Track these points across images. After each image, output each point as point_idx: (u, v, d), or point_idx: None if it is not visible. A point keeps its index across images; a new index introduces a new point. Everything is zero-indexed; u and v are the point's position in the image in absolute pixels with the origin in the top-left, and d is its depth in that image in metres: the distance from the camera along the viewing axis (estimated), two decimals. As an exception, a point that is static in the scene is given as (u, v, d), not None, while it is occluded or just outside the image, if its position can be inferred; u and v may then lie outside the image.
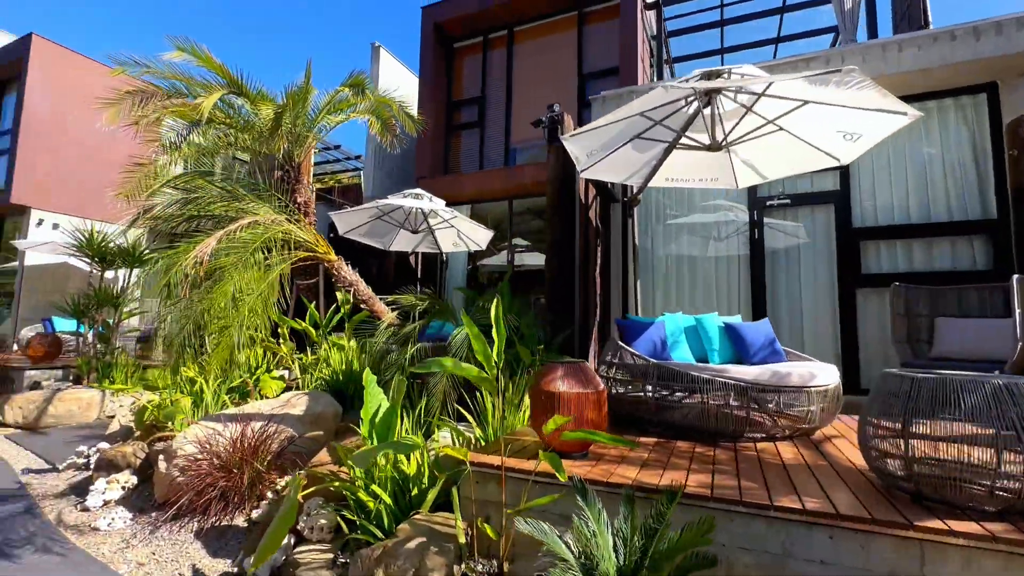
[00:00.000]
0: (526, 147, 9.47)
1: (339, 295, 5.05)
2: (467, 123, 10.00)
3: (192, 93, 6.02)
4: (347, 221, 7.41)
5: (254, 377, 4.94)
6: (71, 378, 8.11)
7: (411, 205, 6.88)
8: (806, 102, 3.64)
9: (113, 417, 7.45)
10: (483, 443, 3.17)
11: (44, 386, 7.62)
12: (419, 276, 9.27)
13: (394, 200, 6.80)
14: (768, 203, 5.76)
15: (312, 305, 5.64)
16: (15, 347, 10.79)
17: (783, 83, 3.27)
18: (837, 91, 3.11)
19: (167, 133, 6.88)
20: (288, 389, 5.07)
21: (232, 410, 4.34)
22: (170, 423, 4.69)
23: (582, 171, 4.49)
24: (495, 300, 2.52)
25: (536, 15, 9.54)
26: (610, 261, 5.73)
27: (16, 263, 11.44)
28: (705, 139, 4.08)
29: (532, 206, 9.38)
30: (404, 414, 3.27)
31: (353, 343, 5.17)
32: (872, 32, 7.15)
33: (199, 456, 3.80)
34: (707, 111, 4.02)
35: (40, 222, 11.30)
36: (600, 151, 4.38)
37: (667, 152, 4.12)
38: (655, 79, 9.04)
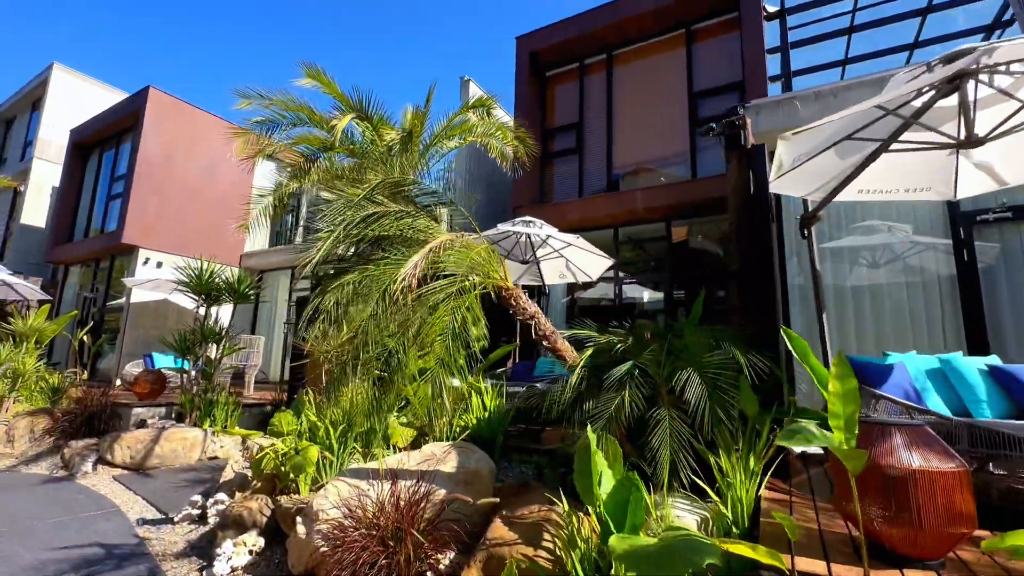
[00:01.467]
0: (632, 171, 8.87)
1: (474, 330, 4.51)
2: (563, 151, 9.58)
3: (314, 122, 5.88)
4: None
5: (383, 424, 4.38)
6: (173, 416, 7.98)
7: (526, 232, 6.36)
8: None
9: (215, 458, 7.17)
10: (732, 526, 2.37)
11: (149, 424, 7.49)
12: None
13: (505, 227, 6.31)
14: (981, 217, 4.76)
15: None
16: (118, 382, 11.04)
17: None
18: None
19: (264, 173, 6.80)
20: (420, 437, 4.48)
21: (372, 464, 3.75)
22: (293, 474, 4.18)
23: (774, 181, 3.77)
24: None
25: (637, 37, 9.13)
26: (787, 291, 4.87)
27: (123, 300, 11.89)
28: (944, 133, 3.27)
29: (639, 234, 8.69)
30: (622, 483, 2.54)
31: (489, 385, 4.55)
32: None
33: (345, 522, 3.21)
34: (953, 99, 3.23)
35: (146, 260, 11.76)
36: (802, 157, 3.65)
37: (876, 155, 3.33)
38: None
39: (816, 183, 4.27)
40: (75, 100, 17.10)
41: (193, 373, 7.93)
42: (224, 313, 13.25)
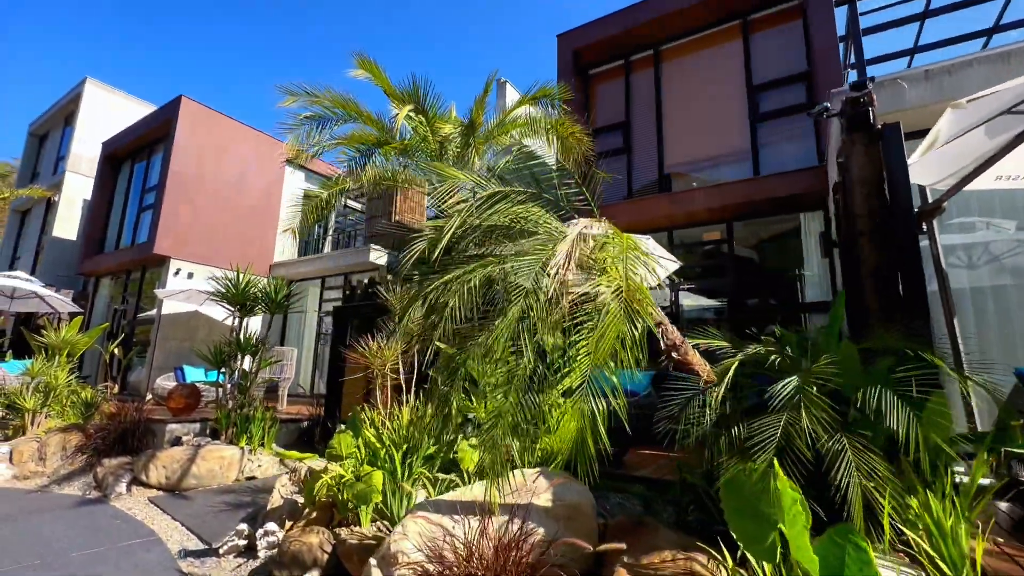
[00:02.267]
0: (683, 170, 8.36)
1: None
2: (608, 151, 9.11)
3: (362, 119, 5.52)
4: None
5: (454, 445, 3.91)
6: (207, 432, 7.61)
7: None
8: None
9: (252, 478, 6.76)
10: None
11: (184, 441, 7.13)
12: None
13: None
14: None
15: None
16: (148, 396, 10.77)
17: None
18: None
19: (294, 183, 6.46)
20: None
21: (451, 496, 3.26)
22: (355, 504, 3.71)
23: (917, 160, 3.25)
24: None
25: (686, 31, 8.68)
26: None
27: (154, 311, 11.69)
28: None
29: (692, 237, 8.15)
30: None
31: (570, 402, 4.04)
32: None
33: (430, 567, 2.73)
34: None
35: (177, 271, 11.56)
36: (955, 133, 3.13)
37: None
38: (845, 84, 7.74)
39: (951, 168, 3.72)
40: (107, 114, 17.24)
41: (228, 387, 7.58)
42: (253, 324, 12.99)
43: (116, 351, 10.88)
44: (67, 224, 16.51)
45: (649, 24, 8.63)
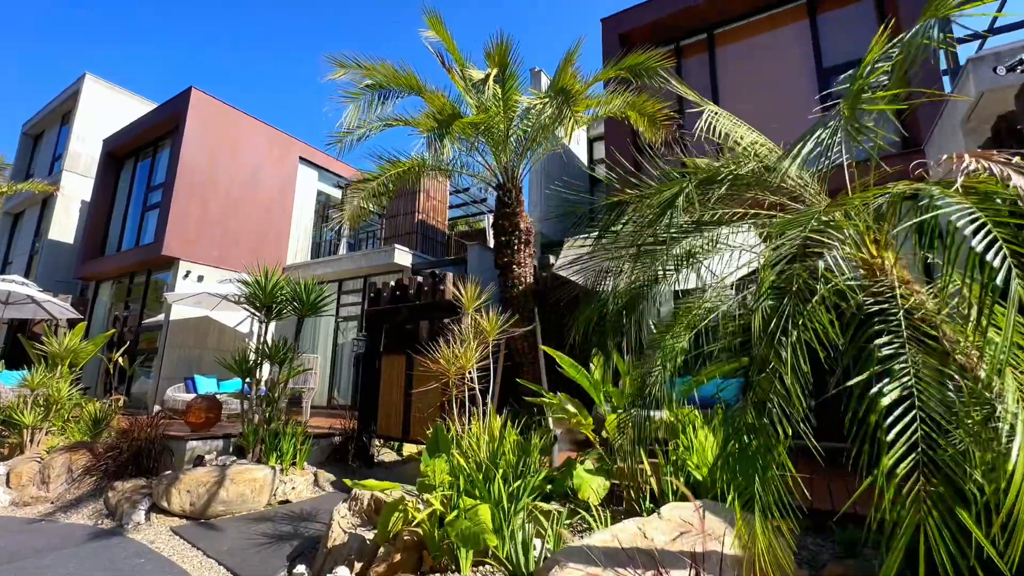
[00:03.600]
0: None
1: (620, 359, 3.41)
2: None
3: (423, 93, 4.84)
4: (571, 256, 5.85)
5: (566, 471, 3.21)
6: (231, 449, 6.84)
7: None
8: None
9: (286, 502, 5.99)
10: None
11: (207, 461, 6.35)
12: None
13: None
14: None
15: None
16: (156, 408, 9.95)
17: None
18: None
19: (306, 181, 5.79)
20: (621, 491, 3.28)
21: (597, 539, 2.56)
22: (455, 544, 3.00)
23: None
24: None
25: (744, 13, 8.12)
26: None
27: (160, 317, 10.89)
28: None
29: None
30: None
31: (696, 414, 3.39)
32: None
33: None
34: None
35: (187, 274, 10.78)
36: None
37: None
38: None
39: None
40: (107, 111, 16.45)
41: (254, 398, 6.81)
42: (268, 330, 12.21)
43: (120, 360, 10.05)
44: (64, 227, 15.65)
45: (706, 6, 8.06)
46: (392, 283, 8.95)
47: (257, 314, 7.31)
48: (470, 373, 4.25)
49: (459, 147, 5.28)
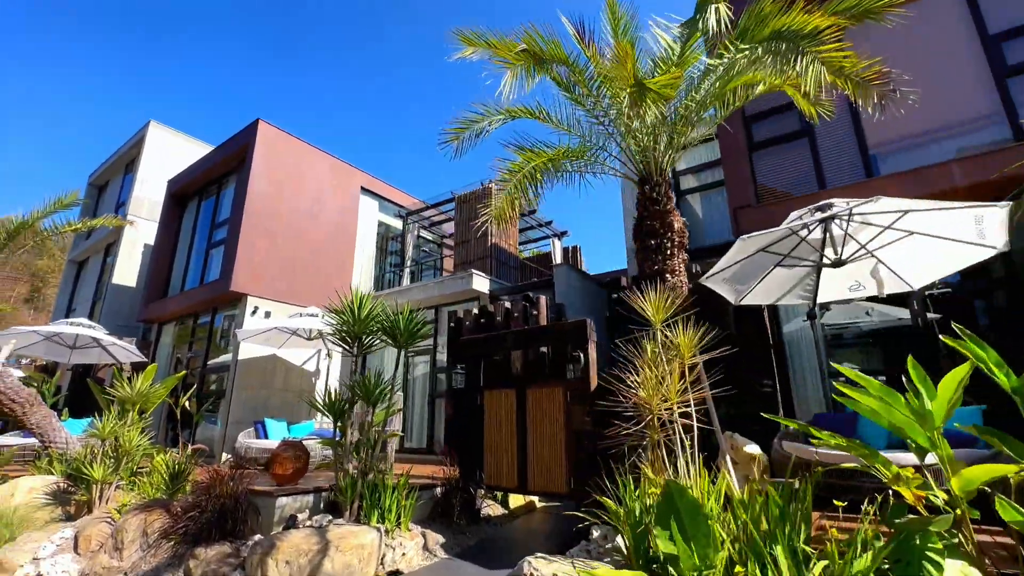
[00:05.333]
0: (896, 148, 6.65)
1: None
2: (777, 136, 7.51)
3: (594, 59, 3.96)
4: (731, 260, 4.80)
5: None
6: (322, 506, 5.89)
7: (839, 211, 4.14)
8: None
9: (397, 573, 4.95)
10: None
11: (300, 521, 5.41)
12: (771, 340, 6.31)
13: (802, 215, 4.16)
14: None
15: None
16: (225, 456, 9.17)
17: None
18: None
19: (368, 211, 5.00)
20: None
21: None
22: None
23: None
24: None
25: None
26: None
27: (227, 357, 10.28)
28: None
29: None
30: None
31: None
32: None
33: None
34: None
35: (255, 310, 10.20)
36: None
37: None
38: None
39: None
40: (169, 157, 16.67)
41: (348, 444, 5.88)
42: (334, 369, 11.44)
43: (187, 404, 9.39)
44: (127, 271, 15.61)
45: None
46: (475, 310, 8.08)
47: (346, 348, 6.50)
48: (668, 406, 3.20)
49: (599, 130, 4.41)
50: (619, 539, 3.47)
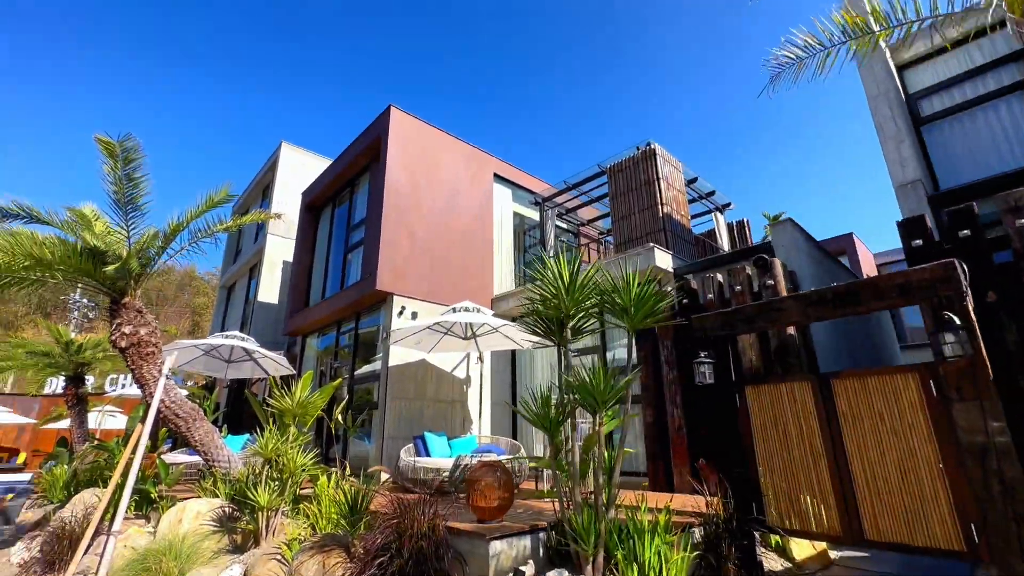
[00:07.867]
0: None
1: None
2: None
3: None
4: None
5: None
6: (543, 553, 4.23)
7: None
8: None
9: None
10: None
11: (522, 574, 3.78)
12: None
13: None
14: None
15: None
16: (384, 477, 8.05)
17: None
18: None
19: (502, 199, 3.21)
20: None
21: None
22: None
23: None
24: None
25: None
26: None
27: (377, 365, 9.32)
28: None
29: None
30: None
31: None
32: None
33: None
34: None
35: (402, 310, 9.17)
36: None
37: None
38: None
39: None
40: (300, 175, 16.96)
41: (576, 468, 4.20)
42: (449, 364, 10.09)
43: (340, 417, 8.47)
44: (269, 288, 15.92)
45: None
46: (718, 277, 6.24)
47: (540, 337, 4.89)
48: None
49: None
50: None
